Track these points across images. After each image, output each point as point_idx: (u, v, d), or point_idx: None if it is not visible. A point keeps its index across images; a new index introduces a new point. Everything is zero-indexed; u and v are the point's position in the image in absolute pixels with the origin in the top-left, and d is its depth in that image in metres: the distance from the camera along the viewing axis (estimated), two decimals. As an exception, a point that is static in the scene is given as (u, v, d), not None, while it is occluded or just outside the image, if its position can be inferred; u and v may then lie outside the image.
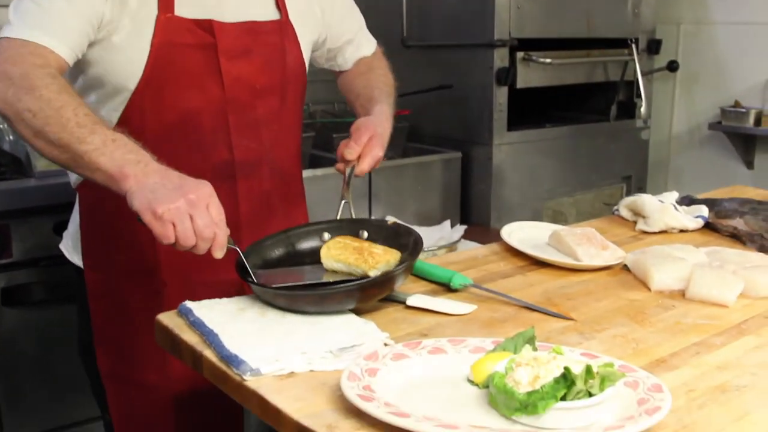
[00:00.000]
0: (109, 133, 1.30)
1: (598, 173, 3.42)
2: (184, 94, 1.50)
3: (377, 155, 1.58)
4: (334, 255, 1.37)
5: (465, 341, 1.17)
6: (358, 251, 1.36)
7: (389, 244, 1.47)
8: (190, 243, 1.24)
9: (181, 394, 1.61)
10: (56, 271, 2.27)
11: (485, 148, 3.07)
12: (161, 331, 1.32)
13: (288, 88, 1.64)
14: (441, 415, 0.97)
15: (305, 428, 0.98)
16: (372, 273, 1.31)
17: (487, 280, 1.53)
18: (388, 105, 1.73)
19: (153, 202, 1.22)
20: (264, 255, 1.47)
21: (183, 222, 1.23)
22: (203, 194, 1.25)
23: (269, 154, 1.63)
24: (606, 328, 1.32)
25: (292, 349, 1.16)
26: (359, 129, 1.59)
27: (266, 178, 1.63)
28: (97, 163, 1.27)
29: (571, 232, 1.70)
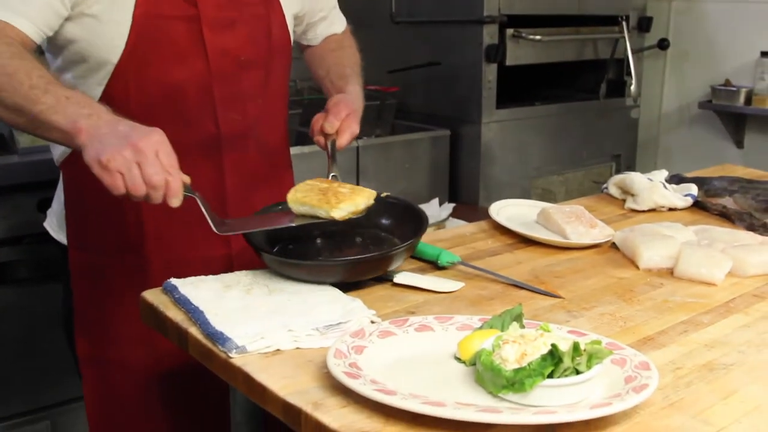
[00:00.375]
0: (63, 91, 1.29)
1: (587, 151, 3.42)
2: (167, 67, 1.49)
3: (355, 131, 1.60)
4: (299, 198, 1.31)
5: (452, 319, 1.17)
6: (323, 192, 1.30)
7: (386, 218, 1.46)
8: (140, 192, 1.22)
9: (166, 373, 1.61)
10: (40, 249, 2.26)
11: (474, 125, 3.07)
12: (146, 308, 1.31)
13: (273, 60, 1.63)
14: (427, 392, 0.97)
15: (291, 406, 0.99)
16: (334, 213, 1.25)
17: (474, 258, 1.53)
18: (360, 85, 1.75)
19: (100, 152, 1.21)
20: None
21: (130, 170, 1.20)
22: (152, 141, 1.22)
23: (255, 128, 1.62)
24: (594, 306, 1.32)
25: (278, 327, 1.16)
26: (338, 104, 1.61)
27: (252, 152, 1.62)
28: (51, 122, 1.26)
29: (560, 209, 1.70)
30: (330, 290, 1.30)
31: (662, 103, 3.91)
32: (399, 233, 1.47)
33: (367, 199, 1.30)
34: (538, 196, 3.18)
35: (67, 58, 1.49)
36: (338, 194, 1.27)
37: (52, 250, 1.71)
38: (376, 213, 1.46)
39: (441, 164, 3.11)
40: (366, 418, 0.94)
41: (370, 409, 0.96)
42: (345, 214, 1.26)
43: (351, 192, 1.29)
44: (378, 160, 2.92)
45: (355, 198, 1.28)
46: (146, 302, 1.31)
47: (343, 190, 1.29)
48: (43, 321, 2.37)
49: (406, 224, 1.46)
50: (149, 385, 1.62)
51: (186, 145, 1.54)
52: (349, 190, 1.29)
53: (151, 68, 1.48)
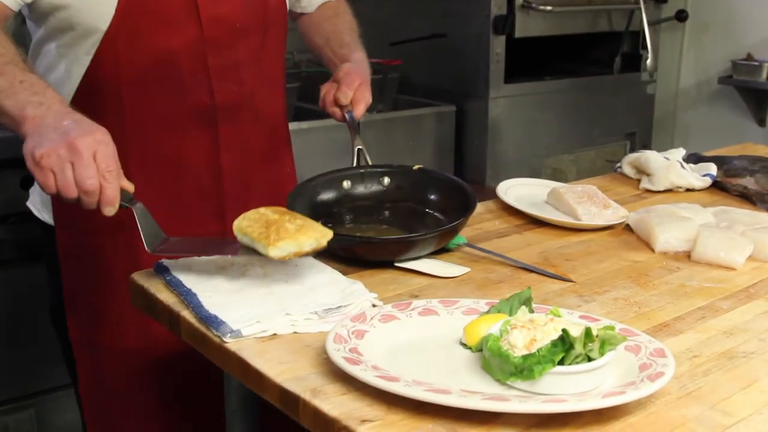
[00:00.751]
0: (19, 74, 1.28)
1: (600, 129, 3.41)
2: (159, 35, 1.48)
3: (368, 100, 1.62)
4: (243, 227, 1.24)
5: (458, 302, 1.17)
6: (267, 225, 1.22)
7: (417, 192, 1.50)
8: (71, 194, 1.19)
9: (158, 357, 1.61)
10: (25, 228, 2.25)
11: (481, 101, 3.06)
12: (136, 291, 1.31)
13: (269, 28, 1.63)
14: (432, 379, 0.97)
15: (288, 393, 0.99)
16: (271, 252, 1.18)
17: (481, 240, 1.53)
18: (364, 52, 1.75)
19: (35, 146, 1.19)
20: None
21: (63, 170, 1.18)
22: (90, 140, 1.19)
23: (252, 99, 1.61)
24: (607, 290, 1.32)
25: (274, 310, 1.16)
26: (349, 74, 1.61)
27: (249, 124, 1.62)
28: (2, 107, 1.25)
29: (571, 189, 1.70)
30: (329, 272, 1.30)
31: (680, 78, 3.90)
32: (438, 207, 1.52)
33: (315, 240, 1.21)
34: (549, 176, 3.17)
35: (53, 26, 1.48)
36: (282, 230, 1.20)
37: (37, 230, 1.71)
38: (421, 187, 1.52)
39: (446, 141, 3.10)
40: (367, 406, 0.95)
41: (372, 396, 0.96)
42: (285, 254, 1.19)
43: (298, 229, 1.20)
44: (380, 138, 2.91)
45: (299, 237, 1.19)
46: (136, 284, 1.31)
47: (290, 226, 1.21)
48: (28, 305, 2.37)
49: (447, 199, 1.50)
50: (142, 370, 1.63)
51: (179, 117, 1.53)
52: (296, 228, 1.21)
53: (142, 36, 1.47)
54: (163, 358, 1.62)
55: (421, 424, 0.92)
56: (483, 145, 3.08)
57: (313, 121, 2.67)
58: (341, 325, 1.08)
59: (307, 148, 2.62)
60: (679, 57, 3.88)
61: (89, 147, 1.19)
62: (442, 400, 0.91)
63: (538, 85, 3.21)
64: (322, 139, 2.65)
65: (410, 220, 1.51)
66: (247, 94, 1.60)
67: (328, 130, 2.63)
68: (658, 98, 3.66)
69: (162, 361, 1.62)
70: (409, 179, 1.56)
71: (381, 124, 2.92)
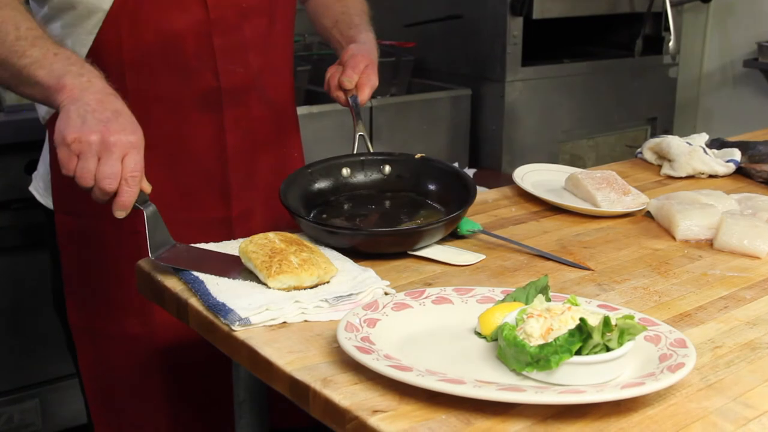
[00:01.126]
0: (53, 46, 1.28)
1: (620, 114, 3.40)
2: (163, 15, 1.49)
3: (375, 84, 1.61)
4: (248, 252, 1.25)
5: (472, 291, 1.17)
6: (272, 254, 1.22)
7: (418, 182, 1.48)
8: (85, 184, 1.21)
9: (163, 345, 1.62)
10: (29, 214, 2.27)
11: (497, 84, 3.05)
12: (142, 278, 1.32)
13: (277, 8, 1.62)
14: (445, 369, 0.98)
15: (299, 382, 0.99)
16: (270, 284, 1.19)
17: (497, 227, 1.53)
18: (372, 33, 1.75)
19: (70, 125, 1.20)
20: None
21: (87, 160, 1.20)
22: (125, 141, 1.21)
23: (258, 81, 1.61)
24: (626, 279, 1.32)
25: (284, 298, 1.16)
26: (355, 56, 1.60)
27: (255, 107, 1.62)
28: (35, 77, 1.26)
29: (590, 175, 1.69)
30: (340, 259, 1.31)
31: (703, 61, 3.88)
32: (438, 198, 1.51)
33: (318, 277, 1.21)
34: (567, 162, 3.17)
35: (54, 6, 1.49)
36: (284, 263, 1.20)
37: (40, 216, 1.72)
38: (419, 177, 1.52)
39: (461, 126, 3.10)
40: (379, 396, 0.95)
41: (384, 386, 0.96)
42: (284, 287, 1.19)
43: (301, 264, 1.21)
44: (393, 122, 2.91)
45: (300, 273, 1.20)
46: (142, 271, 1.32)
47: (294, 260, 1.21)
48: (32, 293, 2.39)
49: (447, 190, 1.50)
50: (145, 359, 1.63)
51: (183, 100, 1.54)
52: (300, 262, 1.21)
53: (145, 16, 1.48)
54: (167, 346, 1.62)
55: (434, 414, 0.92)
56: (499, 129, 3.08)
57: (323, 105, 2.67)
58: (353, 313, 1.09)
59: (318, 133, 2.63)
60: (702, 39, 3.86)
61: (122, 148, 1.21)
62: (456, 391, 0.91)
63: (557, 68, 3.20)
64: (333, 124, 2.65)
65: (409, 210, 1.50)
66: (254, 77, 1.60)
67: (339, 114, 2.63)
68: (681, 82, 3.64)
69: (165, 349, 1.63)
70: (411, 168, 1.56)
71: (394, 108, 2.92)
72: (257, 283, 1.22)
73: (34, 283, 2.37)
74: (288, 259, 1.21)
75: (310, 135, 2.60)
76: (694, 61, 3.88)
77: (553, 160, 3.12)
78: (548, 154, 3.15)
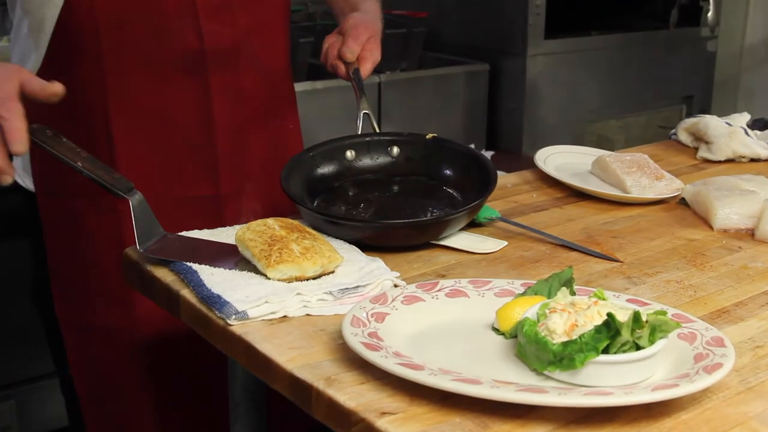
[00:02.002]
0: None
1: (653, 91, 3.40)
2: None
3: (377, 58, 1.61)
4: (245, 240, 1.25)
5: (490, 283, 1.18)
6: (272, 242, 1.22)
7: (430, 165, 1.47)
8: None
9: (153, 340, 1.62)
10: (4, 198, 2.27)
11: (518, 59, 3.05)
12: (130, 267, 1.33)
13: None
14: (460, 368, 0.98)
15: (300, 382, 0.99)
16: (270, 274, 1.19)
17: (517, 214, 1.54)
18: (378, 3, 1.75)
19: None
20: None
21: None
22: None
23: (247, 42, 1.60)
24: (658, 271, 1.32)
25: (284, 289, 1.16)
26: (356, 27, 1.60)
27: (245, 72, 1.61)
28: None
29: (619, 158, 1.69)
30: (346, 248, 1.31)
31: (745, 33, 3.86)
32: (453, 183, 1.51)
33: (321, 267, 1.21)
34: (593, 144, 3.17)
35: None
36: (285, 251, 1.20)
37: (19, 199, 1.73)
38: (431, 159, 1.51)
39: (478, 105, 3.09)
40: (387, 396, 0.95)
41: (393, 386, 0.96)
42: (284, 278, 1.20)
43: (303, 253, 1.21)
44: (403, 99, 2.91)
45: (302, 262, 1.20)
46: (130, 260, 1.32)
47: (296, 248, 1.21)
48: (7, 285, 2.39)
49: (464, 174, 1.49)
50: (130, 354, 1.64)
51: (164, 63, 1.53)
52: (302, 250, 1.21)
53: None
54: (157, 342, 1.63)
55: (447, 417, 0.92)
56: (520, 108, 3.08)
57: (328, 81, 2.67)
58: (359, 306, 1.09)
59: (322, 111, 2.63)
60: (744, 9, 3.84)
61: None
62: (471, 391, 0.91)
63: (583, 41, 3.19)
64: (338, 102, 2.65)
65: (421, 197, 1.50)
66: (242, 38, 1.59)
67: (345, 90, 2.62)
68: (720, 56, 3.63)
69: (150, 344, 1.63)
70: (421, 149, 1.55)
71: (404, 85, 2.92)
72: (255, 273, 1.22)
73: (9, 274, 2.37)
74: (289, 248, 1.21)
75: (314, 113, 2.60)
76: (735, 34, 3.87)
77: (578, 142, 3.11)
78: (573, 136, 3.15)
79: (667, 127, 2.13)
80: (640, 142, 3.18)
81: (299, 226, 1.28)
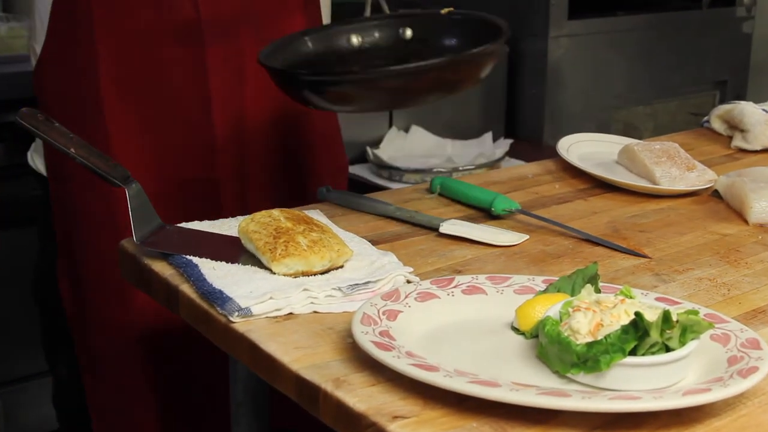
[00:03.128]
0: None
1: (683, 76, 3.39)
2: None
3: None
4: (249, 231, 1.25)
5: (509, 279, 1.18)
6: (278, 234, 1.23)
7: (448, 40, 1.41)
8: None
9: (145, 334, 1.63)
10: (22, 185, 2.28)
11: (539, 40, 3.04)
12: (126, 260, 1.33)
13: None
14: (477, 369, 0.98)
15: (307, 383, 1.00)
16: (275, 268, 1.20)
17: (538, 206, 1.54)
18: None
19: None
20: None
21: None
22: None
23: (249, 11, 1.59)
24: (689, 268, 1.32)
25: (290, 285, 1.17)
26: None
27: (246, 43, 1.59)
28: None
29: (648, 147, 1.69)
30: (356, 241, 1.32)
31: (784, 14, 3.85)
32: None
33: (329, 261, 1.22)
34: (620, 132, 3.15)
35: None
36: (291, 244, 1.20)
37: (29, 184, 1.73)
38: (437, 33, 1.44)
39: (496, 89, 3.09)
40: (400, 399, 0.95)
41: (406, 388, 0.96)
42: (291, 272, 1.20)
43: (311, 246, 1.21)
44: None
45: (309, 257, 1.20)
46: (126, 252, 1.33)
47: (303, 240, 1.21)
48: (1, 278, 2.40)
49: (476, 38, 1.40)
50: (131, 347, 1.64)
51: (158, 34, 1.52)
52: (309, 243, 1.21)
53: None
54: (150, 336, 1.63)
55: (463, 422, 0.92)
56: (541, 94, 3.07)
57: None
58: (370, 303, 1.09)
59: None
60: (783, -12, 3.82)
61: None
62: (489, 394, 0.91)
63: (609, 21, 3.18)
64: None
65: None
66: (243, 5, 1.58)
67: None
68: (757, 38, 3.62)
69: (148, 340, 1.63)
70: (438, 28, 1.48)
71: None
72: (259, 267, 1.23)
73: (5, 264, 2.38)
74: (295, 240, 1.21)
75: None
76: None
77: (603, 129, 3.09)
78: (598, 122, 3.15)
79: (699, 114, 2.13)
80: (670, 130, 3.17)
81: (307, 218, 1.28)
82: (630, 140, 1.80)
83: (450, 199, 1.55)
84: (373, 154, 2.72)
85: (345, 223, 1.42)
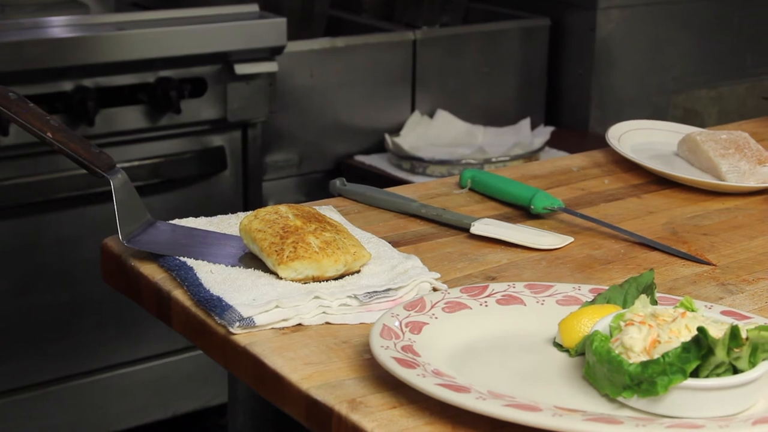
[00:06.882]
0: None
1: (754, 55, 3.38)
2: None
3: None
4: (252, 230, 1.25)
5: (551, 288, 1.18)
6: (285, 233, 1.23)
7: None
8: None
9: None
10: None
11: (586, 12, 3.04)
12: (110, 261, 1.34)
13: None
14: (514, 391, 0.98)
15: (318, 405, 1.00)
16: (281, 272, 1.20)
17: (584, 204, 1.54)
18: None
19: None
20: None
21: None
22: None
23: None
24: (760, 278, 1.32)
25: (300, 292, 1.17)
26: None
27: None
28: None
29: (713, 137, 1.69)
30: (375, 242, 1.32)
31: None
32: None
33: (344, 265, 1.22)
34: (679, 118, 3.15)
35: None
36: (301, 246, 1.21)
37: None
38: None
39: (535, 69, 3.09)
40: (425, 424, 0.96)
41: (432, 412, 0.97)
42: (300, 277, 1.21)
43: (323, 248, 1.22)
44: (443, 61, 2.91)
45: (320, 260, 1.21)
46: (110, 252, 1.33)
47: (314, 241, 1.22)
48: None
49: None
50: None
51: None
52: (322, 244, 1.22)
53: None
54: None
55: (498, 451, 0.93)
56: (587, 74, 3.07)
57: (350, 37, 2.67)
58: (391, 314, 1.09)
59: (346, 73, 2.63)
60: None
61: None
62: (528, 420, 0.92)
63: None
64: (365, 61, 2.66)
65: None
66: None
67: (373, 49, 2.64)
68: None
69: None
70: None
71: (445, 43, 2.92)
72: (264, 271, 1.23)
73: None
74: (305, 241, 1.22)
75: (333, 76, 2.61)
76: None
77: (660, 116, 3.10)
78: (654, 108, 3.15)
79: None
80: (738, 117, 3.17)
81: (318, 215, 1.29)
82: (691, 128, 1.79)
83: (482, 195, 1.55)
84: (392, 143, 2.72)
85: (362, 222, 1.42)
